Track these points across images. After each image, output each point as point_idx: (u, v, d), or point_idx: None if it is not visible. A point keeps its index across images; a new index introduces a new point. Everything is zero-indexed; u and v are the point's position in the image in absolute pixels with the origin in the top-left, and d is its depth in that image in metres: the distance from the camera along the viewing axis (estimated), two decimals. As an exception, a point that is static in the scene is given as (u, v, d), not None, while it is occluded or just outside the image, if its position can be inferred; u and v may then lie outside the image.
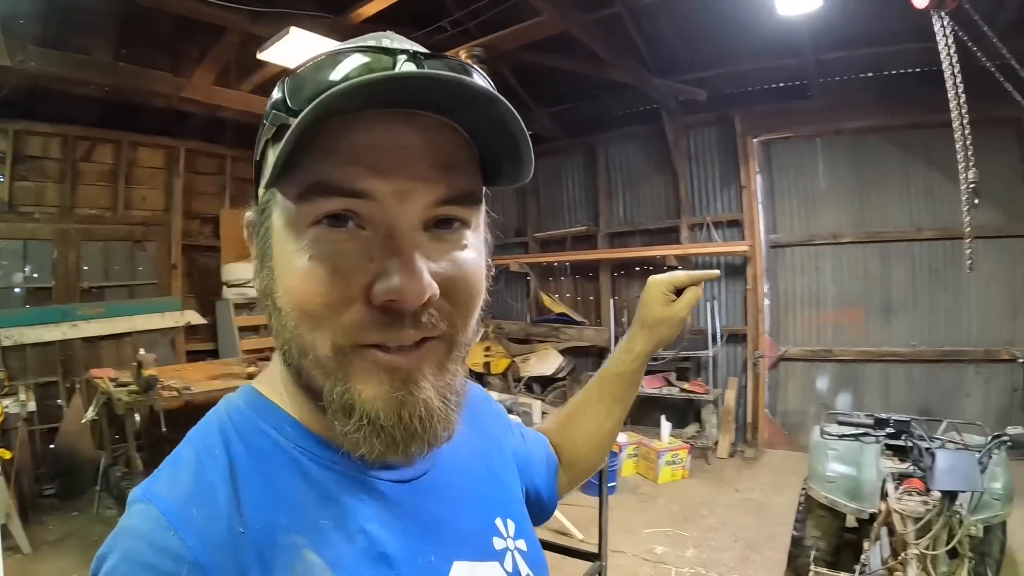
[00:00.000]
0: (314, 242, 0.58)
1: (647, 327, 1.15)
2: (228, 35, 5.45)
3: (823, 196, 7.01)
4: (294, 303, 0.59)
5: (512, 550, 0.80)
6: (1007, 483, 3.30)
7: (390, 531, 0.66)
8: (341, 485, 0.66)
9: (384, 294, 0.56)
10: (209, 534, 0.57)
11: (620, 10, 6.34)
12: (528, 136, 0.60)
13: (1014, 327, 6.18)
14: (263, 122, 0.64)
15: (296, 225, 0.59)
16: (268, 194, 0.63)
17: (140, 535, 0.57)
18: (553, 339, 8.50)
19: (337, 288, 0.57)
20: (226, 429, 0.67)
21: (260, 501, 0.61)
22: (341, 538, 0.63)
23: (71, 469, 5.74)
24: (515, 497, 0.91)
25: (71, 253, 6.50)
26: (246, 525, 0.59)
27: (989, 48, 3.78)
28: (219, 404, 0.72)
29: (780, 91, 7.12)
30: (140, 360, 4.78)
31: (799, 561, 4.01)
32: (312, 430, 0.68)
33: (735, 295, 7.50)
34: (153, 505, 0.59)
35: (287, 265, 0.60)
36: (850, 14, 5.79)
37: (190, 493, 0.60)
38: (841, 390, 6.92)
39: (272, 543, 0.59)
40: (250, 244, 0.69)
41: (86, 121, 6.50)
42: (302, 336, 0.60)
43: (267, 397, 0.71)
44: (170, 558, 0.55)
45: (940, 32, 3.55)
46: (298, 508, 0.62)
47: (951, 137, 3.72)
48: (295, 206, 0.59)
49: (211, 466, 0.62)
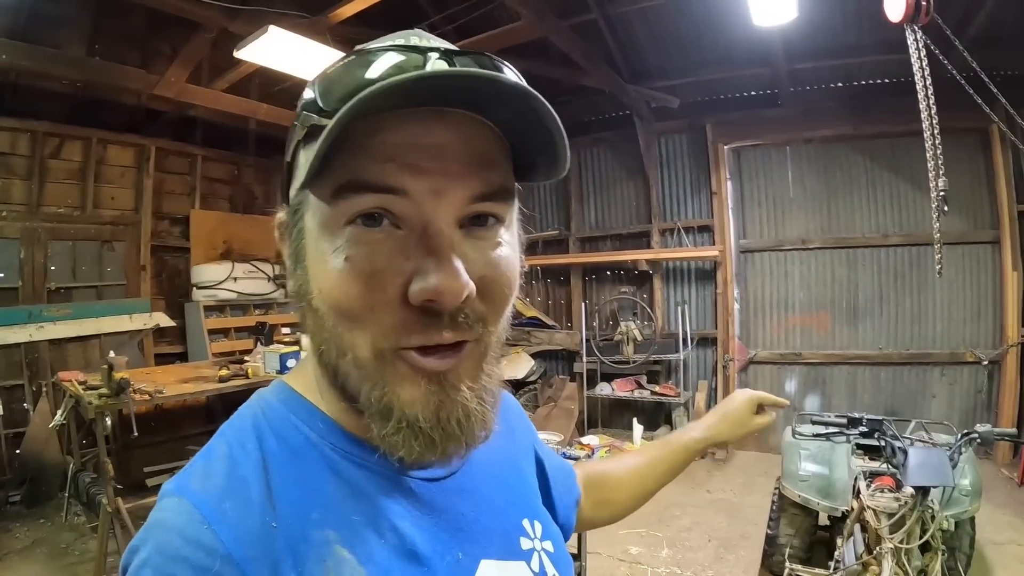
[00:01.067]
0: (349, 242, 0.58)
1: (728, 423, 1.30)
2: (203, 32, 5.38)
3: (792, 202, 7.14)
4: (331, 304, 0.59)
5: (539, 551, 0.80)
6: (975, 480, 3.42)
7: (420, 529, 0.67)
8: (372, 482, 0.66)
9: (422, 293, 0.56)
10: (242, 528, 0.57)
11: (596, 17, 6.41)
12: (563, 130, 0.59)
13: (977, 330, 6.37)
14: (294, 123, 0.64)
15: (331, 226, 0.59)
16: (300, 195, 0.63)
17: (173, 528, 0.57)
18: (524, 343, 8.49)
19: (374, 288, 0.57)
20: (259, 424, 0.67)
21: (292, 496, 0.61)
22: (372, 534, 0.63)
23: (38, 475, 5.59)
24: (539, 499, 0.92)
25: (38, 253, 6.33)
26: (278, 519, 0.59)
27: (957, 60, 3.89)
28: (252, 399, 0.73)
29: (751, 99, 7.23)
30: (111, 362, 4.67)
31: (773, 559, 4.09)
32: (344, 428, 0.68)
33: (705, 299, 7.59)
34: (186, 499, 0.59)
35: (322, 266, 0.60)
36: (821, 26, 5.93)
37: (223, 487, 0.60)
38: (809, 392, 7.05)
39: (304, 538, 0.59)
40: (281, 245, 0.70)
41: (55, 117, 6.34)
42: (341, 337, 0.60)
43: (300, 394, 0.71)
44: (203, 551, 0.55)
45: (913, 45, 3.63)
46: (330, 504, 0.63)
47: (917, 146, 3.83)
48: (329, 206, 0.58)
49: (244, 460, 0.63)
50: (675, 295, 7.74)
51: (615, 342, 7.52)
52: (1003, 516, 4.98)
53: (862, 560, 3.02)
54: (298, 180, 0.61)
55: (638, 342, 7.35)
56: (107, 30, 6.02)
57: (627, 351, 7.37)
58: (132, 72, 5.97)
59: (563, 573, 0.83)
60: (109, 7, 5.72)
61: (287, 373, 0.77)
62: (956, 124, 5.43)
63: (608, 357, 7.46)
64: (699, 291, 7.62)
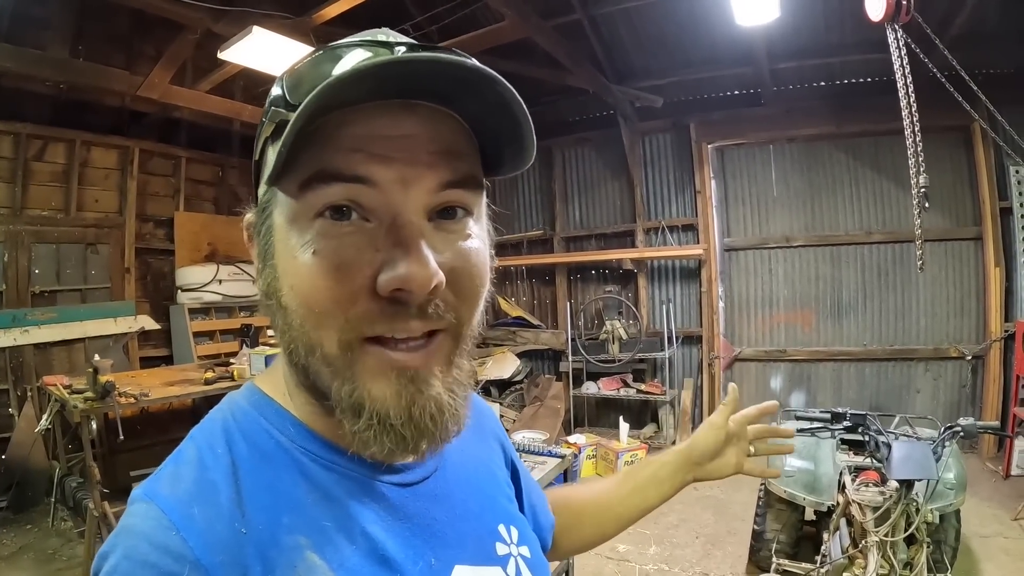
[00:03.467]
0: (318, 236, 0.57)
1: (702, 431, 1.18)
2: (187, 33, 5.35)
3: (776, 201, 7.19)
4: (300, 299, 0.59)
5: (515, 556, 0.79)
6: (959, 473, 3.45)
7: (391, 534, 0.66)
8: (343, 487, 0.66)
9: (391, 282, 0.56)
10: (211, 534, 0.57)
11: (580, 17, 6.43)
12: (529, 117, 0.59)
13: (961, 326, 6.44)
14: (262, 120, 0.63)
15: (299, 220, 0.59)
16: (268, 193, 0.63)
17: (141, 534, 0.56)
18: (510, 343, 8.50)
19: (343, 281, 0.57)
20: (229, 427, 0.67)
21: (263, 501, 0.61)
22: (343, 540, 0.62)
23: (24, 481, 5.52)
24: (515, 505, 0.91)
25: (22, 256, 6.26)
26: (248, 525, 0.58)
27: (939, 59, 3.93)
28: (222, 402, 0.72)
29: (734, 99, 7.29)
30: (96, 366, 4.62)
31: (760, 554, 4.12)
32: (315, 431, 0.67)
33: (690, 298, 7.63)
34: (155, 504, 0.58)
35: (291, 261, 0.59)
36: (803, 26, 5.97)
37: (192, 492, 0.60)
38: (795, 389, 7.10)
39: (274, 543, 0.59)
40: (250, 246, 0.69)
41: (39, 119, 6.27)
42: (308, 334, 0.60)
43: (270, 396, 0.70)
44: (172, 558, 0.54)
45: (894, 43, 3.67)
46: (301, 509, 0.62)
47: (899, 144, 3.86)
48: (296, 200, 0.58)
49: (213, 465, 0.62)
50: (660, 294, 7.77)
51: (600, 341, 7.56)
52: (988, 509, 5.03)
53: (848, 554, 3.05)
54: (265, 176, 0.59)
55: (623, 341, 7.39)
56: (91, 31, 5.98)
57: (612, 350, 7.40)
58: (116, 73, 5.93)
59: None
60: (93, 8, 5.68)
61: (258, 375, 0.75)
62: (938, 122, 5.48)
63: (594, 356, 7.49)
64: (684, 289, 7.67)
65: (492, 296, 0.68)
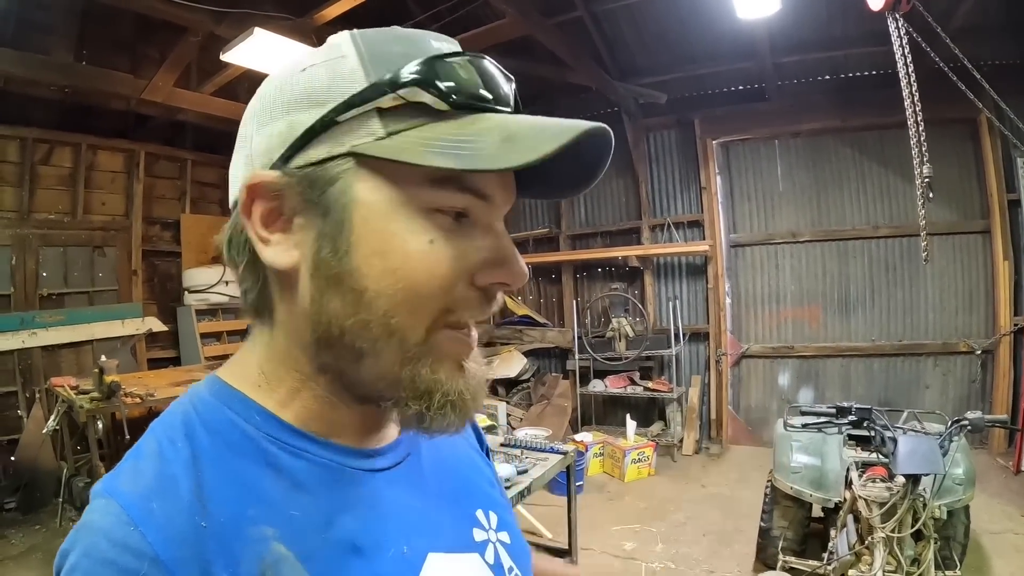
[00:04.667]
0: (434, 227, 0.60)
1: None
2: (190, 36, 5.38)
3: (782, 196, 7.15)
4: (406, 283, 0.59)
5: (494, 542, 0.79)
6: (968, 468, 3.41)
7: (362, 521, 0.66)
8: (312, 475, 0.64)
9: (503, 276, 0.64)
10: (170, 529, 0.55)
11: (582, 14, 6.42)
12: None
13: (970, 320, 6.39)
14: (377, 83, 0.59)
15: (409, 207, 0.60)
16: (345, 162, 0.60)
17: (100, 531, 0.55)
18: (517, 341, 8.49)
19: (456, 271, 0.61)
20: (190, 420, 0.65)
21: (226, 493, 0.59)
22: (312, 529, 0.62)
23: (33, 481, 5.57)
24: (497, 490, 0.91)
25: (29, 259, 6.32)
26: (209, 518, 0.57)
27: (943, 50, 3.90)
28: (184, 394, 0.70)
29: (738, 94, 7.25)
30: (101, 366, 4.67)
31: (768, 552, 4.08)
32: (284, 419, 0.66)
33: (697, 294, 7.60)
34: (113, 500, 0.57)
35: (400, 245, 0.59)
36: (806, 19, 5.94)
37: (151, 487, 0.58)
38: (803, 385, 7.06)
39: (239, 536, 0.58)
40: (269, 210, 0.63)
41: (45, 123, 6.34)
42: (395, 318, 0.60)
43: (234, 387, 0.68)
44: (131, 554, 0.53)
45: (895, 33, 3.65)
46: (266, 499, 0.61)
47: (905, 138, 3.82)
48: (416, 189, 0.59)
49: (173, 458, 0.61)
50: (666, 290, 7.75)
51: (607, 339, 7.53)
52: (998, 505, 4.99)
53: (855, 550, 3.03)
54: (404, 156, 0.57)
55: (630, 338, 7.36)
56: (94, 36, 6.01)
57: (619, 347, 7.38)
58: (120, 77, 5.98)
59: (520, 564, 0.81)
60: (96, 13, 5.71)
61: (221, 367, 0.73)
62: (944, 115, 5.45)
63: (600, 354, 7.47)
64: (690, 286, 7.64)
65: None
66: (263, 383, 0.67)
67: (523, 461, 3.32)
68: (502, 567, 0.78)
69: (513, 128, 0.58)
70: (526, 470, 3.21)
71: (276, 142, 0.61)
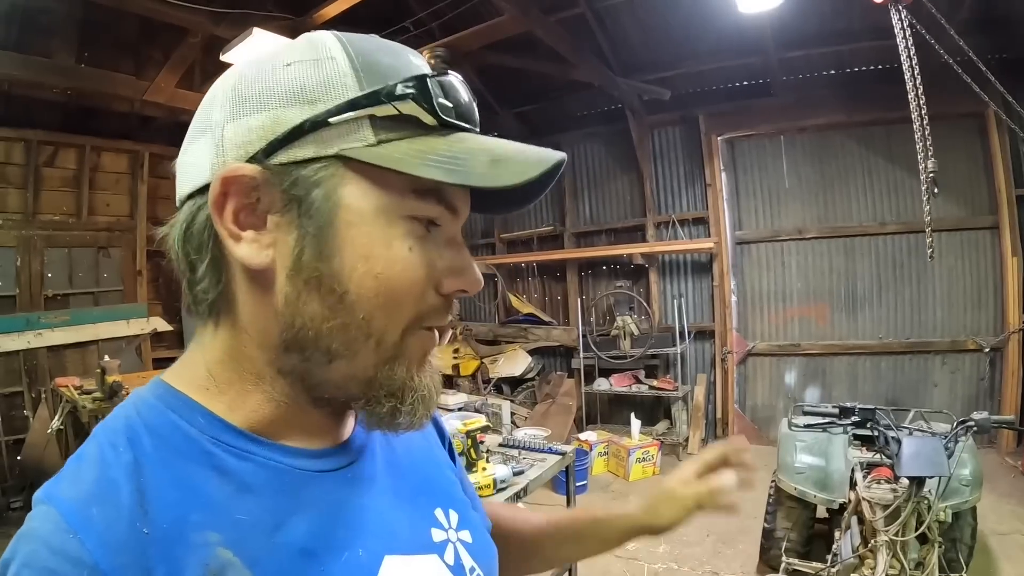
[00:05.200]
0: (410, 235, 0.62)
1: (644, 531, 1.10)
2: (191, 37, 5.40)
3: (787, 192, 7.09)
4: (388, 286, 0.61)
5: (454, 542, 0.78)
6: (975, 469, 3.36)
7: (313, 524, 0.64)
8: (259, 477, 0.63)
9: (464, 284, 0.67)
10: (110, 535, 0.54)
11: (583, 11, 6.39)
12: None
13: (978, 317, 6.32)
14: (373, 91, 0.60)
15: (389, 213, 0.61)
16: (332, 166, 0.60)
17: (39, 539, 0.54)
18: (521, 340, 8.51)
19: (427, 279, 0.64)
20: (133, 424, 0.63)
21: (168, 498, 0.58)
22: (259, 533, 0.60)
23: (38, 481, 5.51)
24: (457, 488, 0.89)
25: (35, 260, 6.37)
26: (151, 524, 0.56)
27: (950, 44, 3.85)
28: (127, 399, 0.69)
29: (743, 89, 7.19)
30: (103, 366, 4.69)
31: (771, 553, 4.06)
32: (230, 422, 0.65)
33: (702, 292, 7.56)
34: (52, 506, 0.56)
35: (383, 250, 0.61)
36: (810, 13, 5.89)
37: (91, 492, 0.57)
38: (809, 384, 7.01)
39: (182, 542, 0.56)
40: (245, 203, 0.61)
41: (49, 125, 6.39)
42: (374, 320, 0.62)
43: (178, 389, 0.67)
44: (70, 562, 0.52)
45: (898, 25, 3.61)
46: (212, 504, 0.60)
47: (912, 132, 3.78)
48: (399, 196, 0.61)
49: (114, 462, 0.59)
50: (671, 288, 7.71)
51: (612, 337, 7.51)
52: (1007, 506, 4.93)
53: (858, 553, 3.00)
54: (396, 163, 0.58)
55: (635, 336, 7.34)
56: (97, 38, 6.04)
57: (624, 346, 7.36)
58: (123, 79, 6.03)
59: (483, 563, 0.80)
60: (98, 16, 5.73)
61: (166, 371, 0.72)
62: (952, 109, 5.40)
63: (605, 352, 7.45)
64: (695, 284, 7.60)
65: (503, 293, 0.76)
66: (211, 385, 0.66)
67: (520, 462, 3.29)
68: (463, 567, 0.77)
69: (498, 151, 0.62)
70: (523, 471, 3.19)
71: (256, 136, 0.60)
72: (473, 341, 8.75)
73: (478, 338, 8.90)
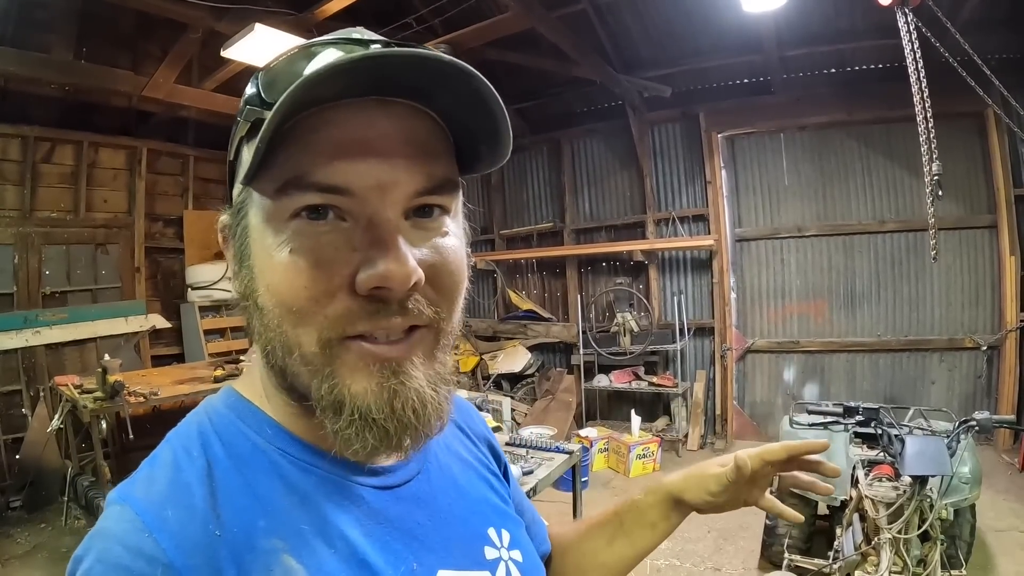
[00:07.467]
0: (294, 235, 0.57)
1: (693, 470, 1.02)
2: (190, 32, 5.36)
3: (787, 190, 7.10)
4: (277, 299, 0.58)
5: (506, 560, 0.78)
6: (974, 467, 3.40)
7: (371, 538, 0.65)
8: (322, 490, 0.65)
9: (370, 280, 0.56)
10: (184, 536, 0.56)
11: (585, 7, 6.39)
12: (506, 112, 0.60)
13: (976, 315, 6.35)
14: (237, 119, 0.63)
15: (274, 220, 0.58)
16: (244, 193, 0.63)
17: (115, 537, 0.56)
18: (521, 336, 8.50)
19: (321, 280, 0.57)
20: (205, 431, 0.66)
21: (238, 504, 0.60)
22: (321, 544, 0.62)
23: (38, 480, 5.59)
24: (510, 508, 0.89)
25: (32, 257, 6.31)
26: (222, 527, 0.58)
27: (951, 44, 3.86)
28: (199, 406, 0.72)
29: (744, 87, 7.19)
30: (105, 365, 4.66)
31: (773, 549, 4.08)
32: (293, 433, 0.67)
33: (701, 289, 7.57)
34: (128, 506, 0.58)
35: (267, 261, 0.59)
36: (813, 11, 5.90)
37: (166, 494, 0.59)
38: (808, 381, 7.03)
39: (250, 546, 0.58)
40: (226, 248, 0.68)
41: (46, 121, 6.32)
42: (286, 333, 0.59)
43: (247, 399, 0.70)
44: (144, 560, 0.54)
45: (904, 28, 3.61)
46: (277, 512, 0.61)
47: (912, 131, 3.80)
48: (273, 201, 0.58)
49: (188, 467, 0.62)
50: (671, 285, 7.72)
51: (612, 334, 7.52)
52: (1004, 502, 4.97)
53: (861, 550, 3.01)
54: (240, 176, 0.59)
55: (635, 333, 7.35)
56: (95, 34, 5.99)
57: (624, 342, 7.37)
58: (121, 74, 5.97)
59: None
60: (96, 10, 5.69)
61: (236, 379, 0.75)
62: (951, 109, 5.40)
63: (605, 349, 7.46)
64: (695, 281, 7.60)
65: (502, 289, 0.69)
66: (269, 397, 0.69)
67: (528, 461, 3.29)
68: None
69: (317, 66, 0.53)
70: (532, 470, 3.19)
71: (244, 159, 0.61)
72: (472, 337, 8.74)
73: (477, 334, 8.88)
